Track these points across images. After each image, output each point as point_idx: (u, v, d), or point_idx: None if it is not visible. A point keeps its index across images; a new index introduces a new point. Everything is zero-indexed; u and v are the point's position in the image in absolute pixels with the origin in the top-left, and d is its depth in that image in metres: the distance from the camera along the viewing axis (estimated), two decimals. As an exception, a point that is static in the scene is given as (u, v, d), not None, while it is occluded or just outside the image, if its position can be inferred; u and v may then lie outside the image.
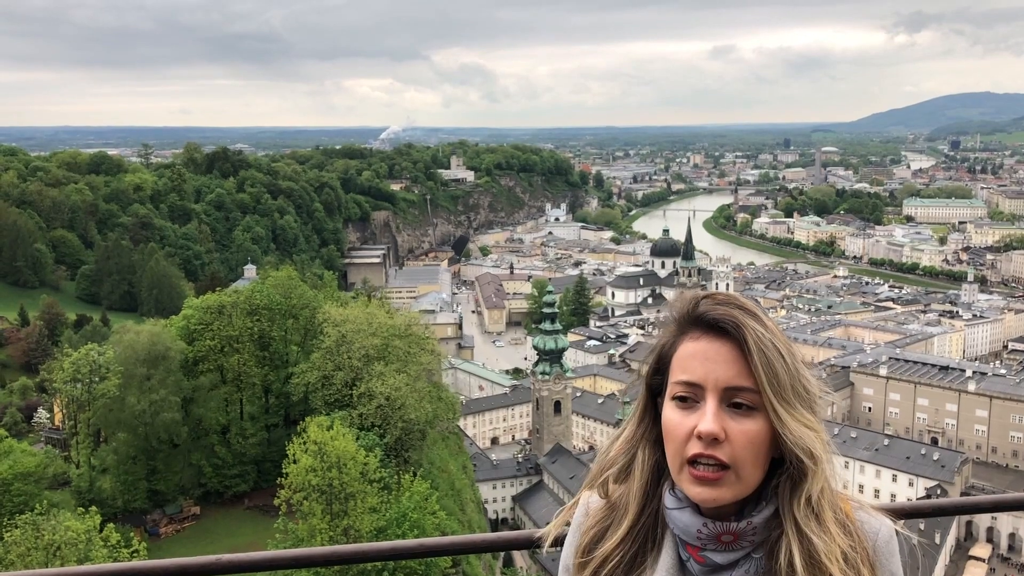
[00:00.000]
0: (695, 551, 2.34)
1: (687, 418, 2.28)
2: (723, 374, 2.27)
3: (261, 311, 60.84)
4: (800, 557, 2.23)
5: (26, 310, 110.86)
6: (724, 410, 2.26)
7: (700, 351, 2.31)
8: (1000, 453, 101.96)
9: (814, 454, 2.27)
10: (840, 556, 2.25)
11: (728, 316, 2.31)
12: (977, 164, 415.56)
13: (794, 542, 2.25)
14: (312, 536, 40.18)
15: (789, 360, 2.31)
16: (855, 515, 2.38)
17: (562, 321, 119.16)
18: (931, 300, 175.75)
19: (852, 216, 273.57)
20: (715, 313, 2.32)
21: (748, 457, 2.26)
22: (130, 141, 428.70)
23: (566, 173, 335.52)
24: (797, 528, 2.26)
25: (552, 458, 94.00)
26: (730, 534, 2.30)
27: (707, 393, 2.27)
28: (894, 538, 2.38)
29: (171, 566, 3.07)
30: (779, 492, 2.31)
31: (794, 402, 2.27)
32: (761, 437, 2.27)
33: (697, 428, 2.24)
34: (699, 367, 2.29)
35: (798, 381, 2.30)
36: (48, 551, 35.79)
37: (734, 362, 2.28)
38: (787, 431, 2.25)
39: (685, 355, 2.33)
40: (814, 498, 2.28)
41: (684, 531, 2.35)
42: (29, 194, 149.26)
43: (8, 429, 64.08)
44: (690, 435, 2.25)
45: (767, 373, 2.25)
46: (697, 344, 2.32)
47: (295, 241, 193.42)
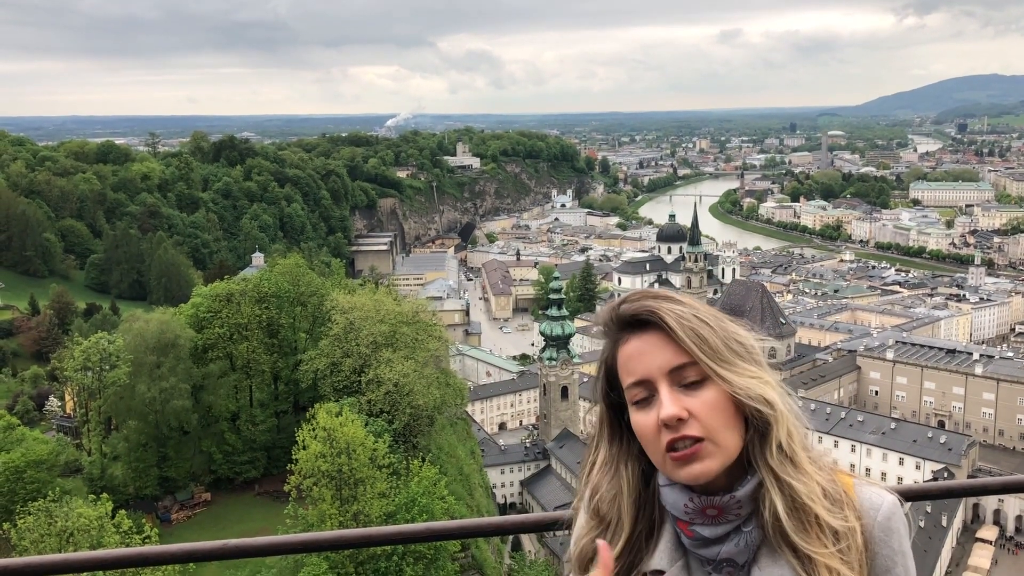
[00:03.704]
0: (684, 526, 2.37)
1: (650, 415, 2.31)
2: (660, 360, 2.31)
3: (269, 299, 61.05)
4: (783, 504, 2.27)
5: (36, 299, 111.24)
6: (678, 391, 2.29)
7: (634, 350, 2.35)
8: (1007, 436, 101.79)
9: (767, 399, 2.30)
10: (821, 494, 2.28)
11: (642, 308, 2.35)
12: (984, 147, 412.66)
13: (774, 490, 2.28)
14: (322, 522, 40.37)
15: (715, 324, 2.34)
16: (856, 490, 2.37)
17: (569, 307, 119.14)
18: (938, 284, 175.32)
19: (858, 200, 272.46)
20: (630, 310, 2.37)
21: (717, 424, 2.28)
22: (137, 130, 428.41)
23: (572, 159, 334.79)
24: (775, 476, 2.29)
25: (560, 443, 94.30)
26: (714, 507, 2.33)
27: (656, 384, 2.30)
28: (897, 514, 2.36)
29: (179, 551, 3.17)
30: (751, 449, 2.33)
31: (733, 360, 2.30)
32: (722, 403, 2.29)
33: (659, 416, 2.27)
34: (638, 364, 2.33)
35: (731, 339, 2.33)
36: (61, 537, 36.11)
37: (666, 346, 2.32)
38: (735, 388, 2.28)
39: (624, 360, 2.37)
40: (784, 443, 2.30)
41: (672, 506, 2.38)
42: (38, 184, 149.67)
43: (20, 417, 64.39)
44: (659, 428, 2.28)
45: (696, 343, 2.28)
46: (628, 345, 2.37)
47: (302, 229, 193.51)
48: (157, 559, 3.19)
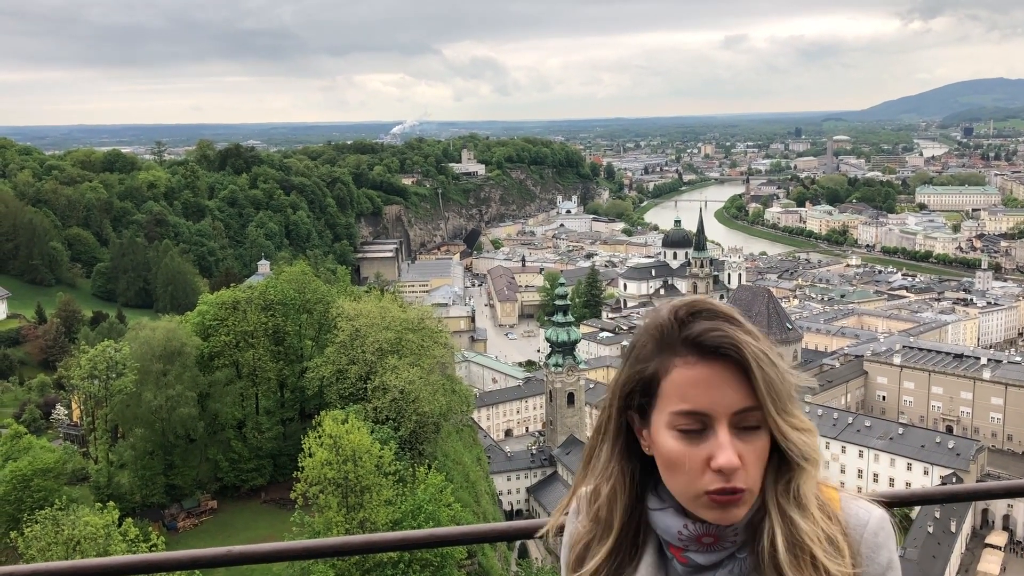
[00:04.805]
0: (677, 551, 2.30)
1: (695, 449, 2.15)
2: (731, 400, 2.14)
3: (275, 306, 61.13)
4: (783, 538, 2.18)
5: (43, 308, 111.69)
6: (734, 435, 2.15)
7: (702, 379, 2.15)
8: (1016, 441, 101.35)
9: (810, 458, 2.22)
10: (824, 539, 2.20)
11: (727, 339, 2.15)
12: (990, 151, 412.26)
13: (778, 524, 2.20)
14: (328, 529, 40.37)
15: (779, 364, 2.19)
16: (843, 505, 2.31)
17: (574, 313, 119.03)
18: (945, 288, 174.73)
19: (864, 205, 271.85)
20: (712, 337, 2.16)
21: (759, 472, 2.20)
22: (143, 139, 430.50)
23: (577, 165, 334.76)
24: (780, 511, 2.21)
25: (566, 449, 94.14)
26: (710, 535, 2.25)
27: (716, 422, 2.14)
28: (885, 529, 2.30)
29: (185, 558, 3.17)
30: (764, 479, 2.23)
31: (790, 409, 2.19)
32: (766, 451, 2.20)
33: (716, 463, 2.12)
34: (703, 396, 2.14)
35: (788, 383, 2.20)
36: (68, 546, 36.17)
37: (737, 385, 2.15)
38: (789, 444, 2.19)
39: (683, 383, 2.17)
40: (801, 490, 2.22)
41: (665, 532, 2.30)
42: (44, 193, 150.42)
43: (27, 426, 64.63)
44: (704, 467, 2.14)
45: (769, 392, 2.15)
46: (695, 371, 2.16)
47: (308, 236, 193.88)
48: (163, 566, 3.19)
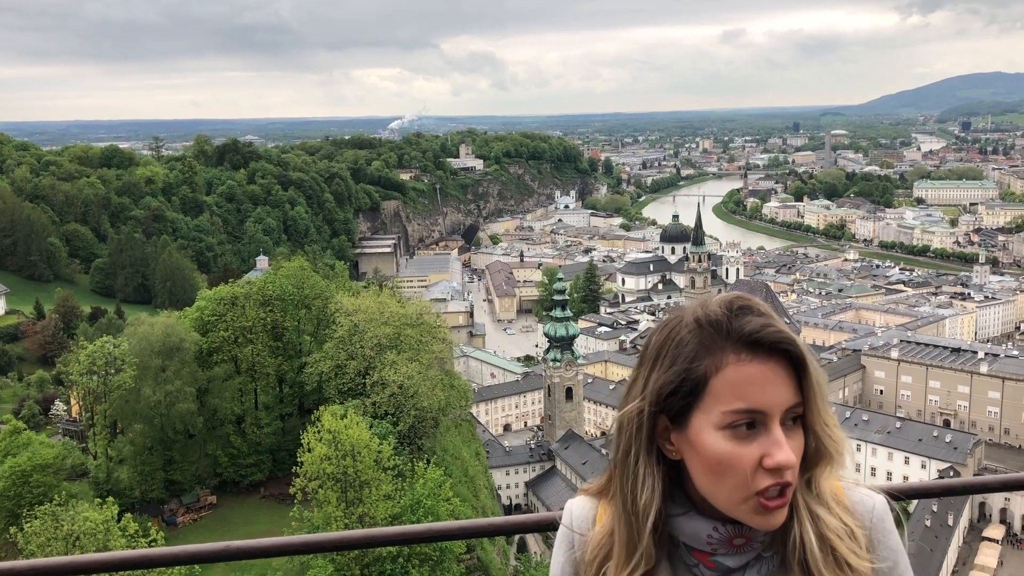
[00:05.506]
0: (704, 556, 2.25)
1: (747, 449, 2.11)
2: (784, 398, 2.13)
3: (274, 302, 61.17)
4: (813, 535, 2.17)
5: (41, 303, 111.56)
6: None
7: (758, 376, 2.12)
8: (1013, 435, 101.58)
9: (844, 452, 2.24)
10: (846, 533, 2.22)
11: (784, 336, 2.14)
12: (988, 145, 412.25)
13: (807, 521, 2.19)
14: (327, 524, 40.41)
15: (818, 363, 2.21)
16: (848, 494, 2.33)
17: (573, 308, 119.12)
18: (942, 282, 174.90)
19: (862, 199, 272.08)
20: (769, 334, 2.14)
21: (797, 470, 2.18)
22: (141, 134, 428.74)
23: (575, 160, 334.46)
24: (808, 508, 2.21)
25: (564, 444, 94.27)
26: (742, 537, 2.22)
27: (770, 419, 2.12)
28: (889, 513, 2.35)
29: (184, 553, 3.19)
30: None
31: (828, 406, 2.21)
32: (803, 447, 2.20)
33: (773, 460, 2.09)
34: (760, 393, 2.11)
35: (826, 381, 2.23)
36: (67, 541, 36.20)
37: (789, 382, 2.15)
38: (830, 440, 2.21)
39: (739, 381, 2.13)
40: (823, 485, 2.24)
41: (692, 537, 2.24)
42: (42, 188, 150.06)
43: (26, 421, 64.67)
44: (756, 467, 2.11)
45: (817, 386, 2.17)
46: (751, 368, 2.13)
47: (306, 232, 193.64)
48: (162, 561, 3.21)
